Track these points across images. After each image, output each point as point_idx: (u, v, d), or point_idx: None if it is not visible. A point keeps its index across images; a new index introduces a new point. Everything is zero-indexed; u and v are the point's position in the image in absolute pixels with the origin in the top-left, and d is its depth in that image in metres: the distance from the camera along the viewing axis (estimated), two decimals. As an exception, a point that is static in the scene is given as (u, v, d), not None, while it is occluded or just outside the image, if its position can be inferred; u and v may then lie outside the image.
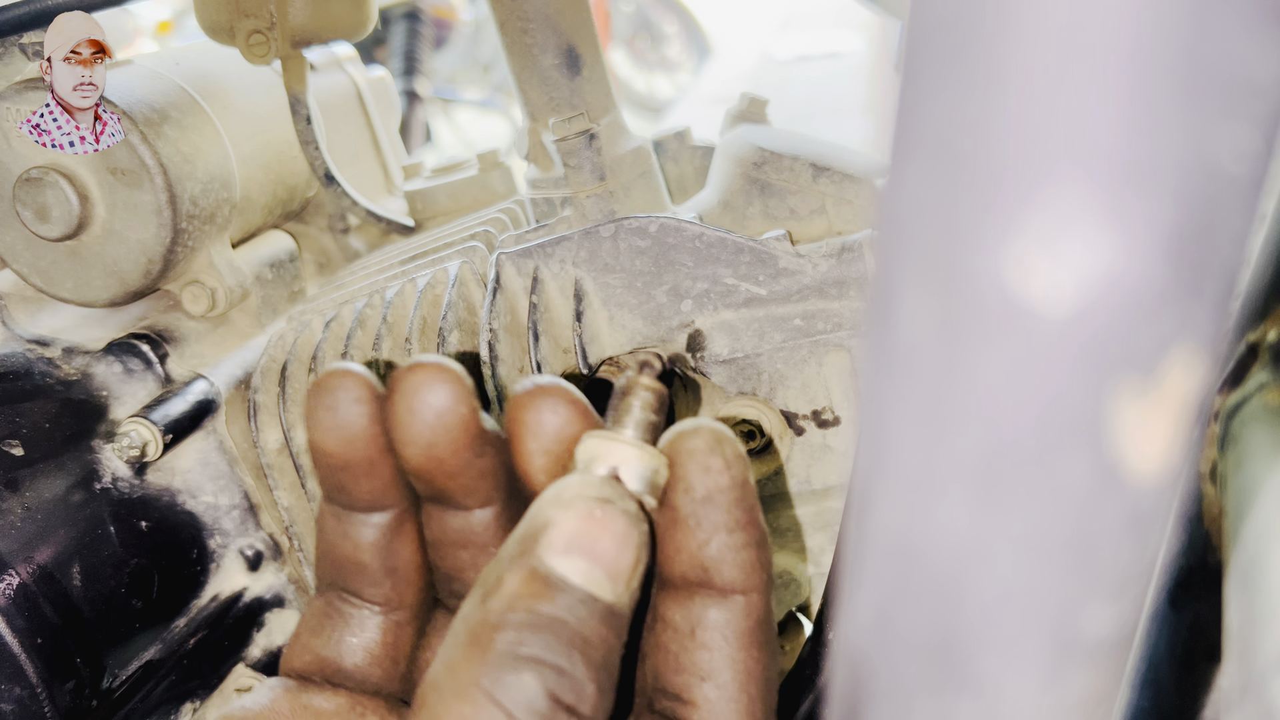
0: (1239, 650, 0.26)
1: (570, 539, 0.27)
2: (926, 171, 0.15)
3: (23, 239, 0.62)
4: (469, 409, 0.31)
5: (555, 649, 0.26)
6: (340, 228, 0.78)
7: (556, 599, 0.27)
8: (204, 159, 0.63)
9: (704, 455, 0.30)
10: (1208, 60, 0.14)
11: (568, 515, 0.28)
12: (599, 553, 0.28)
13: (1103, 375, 0.15)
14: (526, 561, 0.27)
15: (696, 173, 0.77)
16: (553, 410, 0.31)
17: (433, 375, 0.30)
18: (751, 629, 0.31)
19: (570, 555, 0.27)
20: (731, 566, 0.30)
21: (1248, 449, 0.32)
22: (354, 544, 0.33)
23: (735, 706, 0.31)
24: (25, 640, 0.48)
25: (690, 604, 0.31)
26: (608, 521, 0.28)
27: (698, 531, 0.30)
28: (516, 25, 0.67)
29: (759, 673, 0.31)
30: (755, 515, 0.31)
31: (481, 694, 0.26)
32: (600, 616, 0.27)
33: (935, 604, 0.17)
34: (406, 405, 0.30)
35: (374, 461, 0.32)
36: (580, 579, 0.27)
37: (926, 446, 0.17)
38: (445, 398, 0.30)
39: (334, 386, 0.31)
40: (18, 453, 0.54)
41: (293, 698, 0.33)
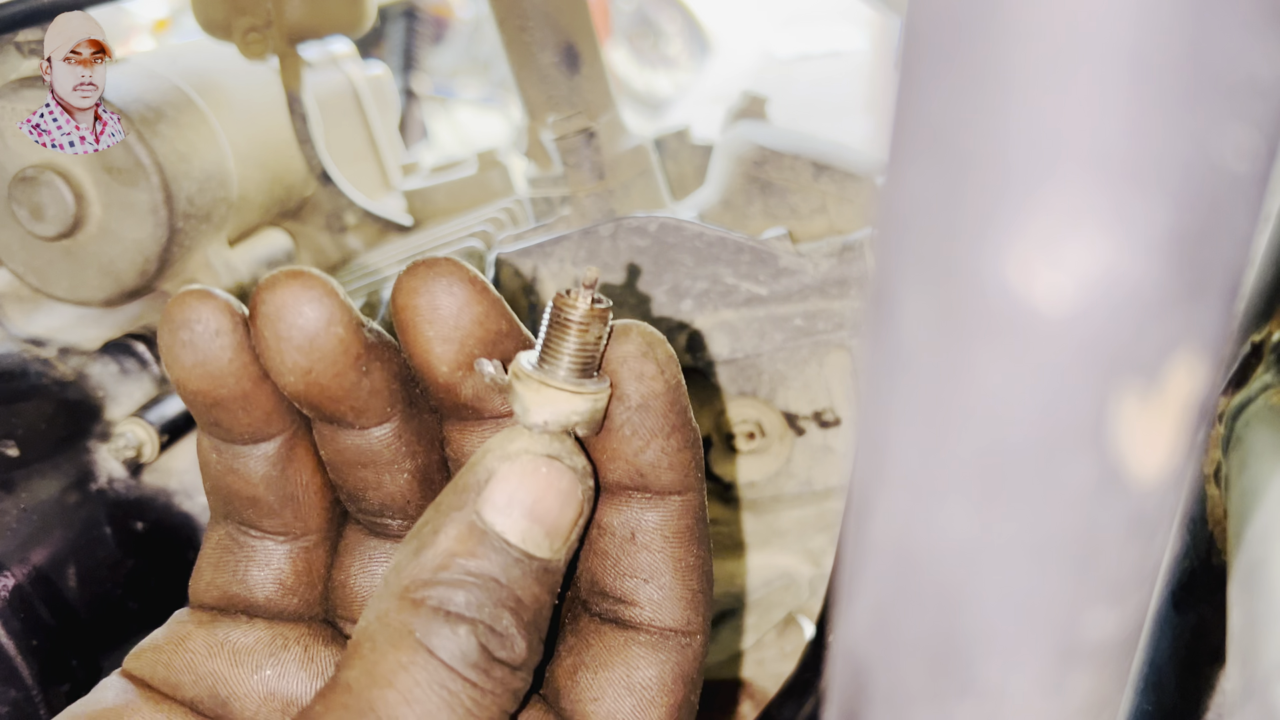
0: (1242, 653, 0.26)
1: (512, 495, 0.27)
2: (926, 171, 0.15)
3: (18, 238, 0.62)
4: (345, 325, 0.28)
5: (486, 608, 0.26)
6: (337, 226, 0.78)
7: (491, 558, 0.26)
8: (200, 157, 0.63)
9: (637, 361, 0.29)
10: (1210, 60, 0.13)
11: (511, 470, 0.27)
12: (540, 511, 0.27)
13: (1105, 377, 0.15)
14: (464, 515, 0.27)
15: (696, 171, 0.76)
16: (448, 291, 0.29)
17: (298, 292, 0.27)
18: (690, 526, 0.31)
19: (509, 512, 0.27)
20: (668, 470, 0.30)
21: (1251, 450, 0.32)
22: (242, 478, 0.31)
23: (679, 602, 0.31)
24: (21, 642, 0.48)
25: (628, 508, 0.31)
26: (553, 479, 0.27)
27: (634, 439, 0.29)
28: (515, 23, 0.67)
29: (698, 566, 0.31)
30: (688, 417, 0.30)
31: (416, 643, 0.26)
32: (535, 575, 0.27)
33: (936, 607, 0.17)
34: (273, 331, 0.27)
35: (248, 394, 0.29)
36: (517, 537, 0.27)
37: (927, 448, 0.16)
38: (316, 317, 0.27)
39: (189, 319, 0.28)
40: (13, 453, 0.53)
41: (207, 633, 0.32)
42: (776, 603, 0.63)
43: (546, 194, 0.70)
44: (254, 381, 0.29)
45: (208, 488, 0.32)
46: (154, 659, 0.31)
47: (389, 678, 0.25)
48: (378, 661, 0.26)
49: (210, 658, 0.31)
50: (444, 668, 0.25)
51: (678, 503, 0.30)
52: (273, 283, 0.28)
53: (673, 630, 0.31)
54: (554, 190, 0.69)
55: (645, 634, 0.31)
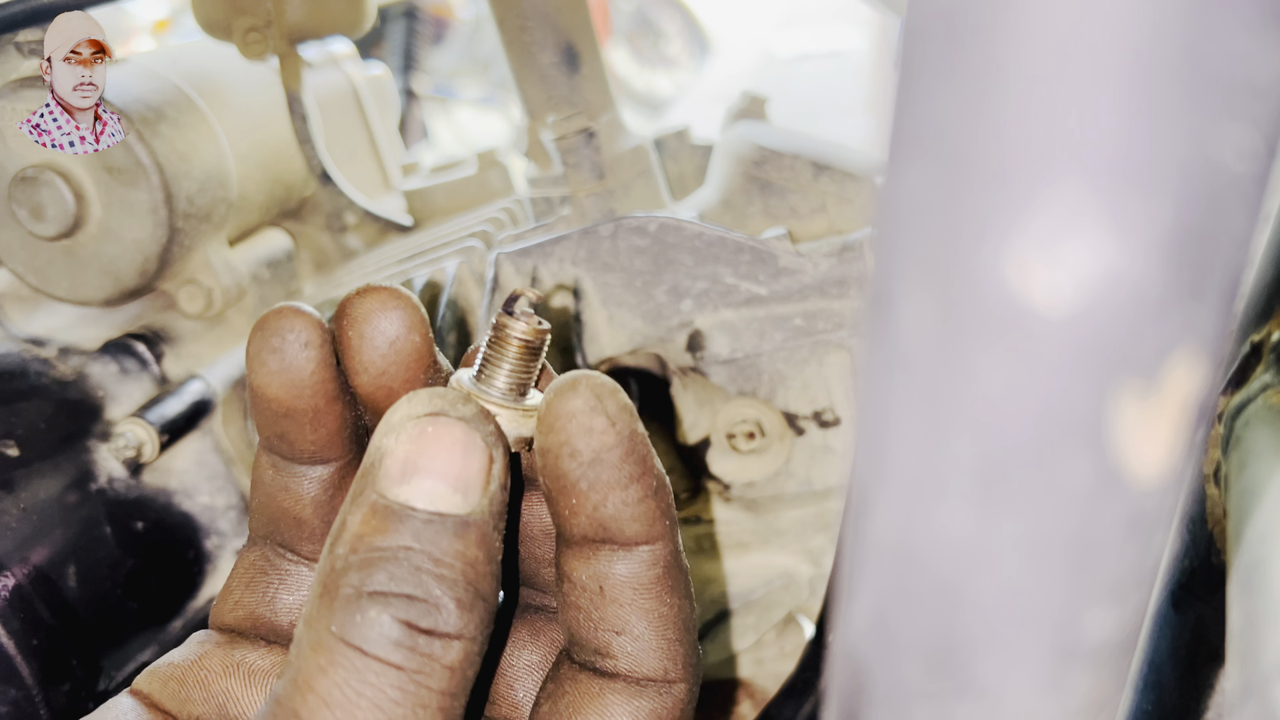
0: (1241, 653, 0.26)
1: (405, 463, 0.26)
2: (925, 171, 0.15)
3: (18, 238, 0.62)
4: (423, 338, 0.30)
5: (400, 578, 0.25)
6: (337, 226, 0.78)
7: (399, 529, 0.25)
8: (200, 157, 0.63)
9: (585, 416, 0.28)
10: (1209, 60, 0.13)
11: (399, 440, 0.26)
12: (439, 469, 0.26)
13: (1104, 377, 0.15)
14: (366, 498, 0.26)
15: (696, 171, 0.76)
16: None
17: (385, 301, 0.30)
18: (660, 577, 0.30)
19: (408, 480, 0.26)
20: (631, 521, 0.29)
21: (1251, 450, 0.32)
22: (294, 497, 0.32)
23: (655, 653, 0.30)
24: (21, 642, 0.48)
25: (595, 560, 0.30)
26: (442, 434, 0.26)
27: (591, 494, 0.29)
28: (515, 23, 0.67)
29: (673, 616, 0.30)
30: (648, 464, 0.29)
31: (334, 639, 0.25)
32: (453, 532, 0.26)
33: (935, 607, 0.17)
34: (358, 331, 0.29)
35: (320, 410, 0.30)
36: (424, 502, 0.26)
37: (926, 448, 0.16)
38: (398, 325, 0.30)
39: (281, 327, 0.29)
40: (13, 453, 0.53)
41: (224, 653, 0.32)
42: (776, 602, 0.63)
43: (546, 194, 0.70)
44: (328, 399, 0.30)
45: (254, 505, 0.33)
46: (167, 675, 0.31)
47: (310, 683, 0.25)
48: (301, 667, 0.25)
49: (225, 677, 0.31)
50: (362, 657, 0.25)
51: (645, 553, 0.30)
52: (364, 292, 0.30)
53: (650, 680, 0.30)
54: (554, 190, 0.69)
55: (622, 683, 0.30)
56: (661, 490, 0.30)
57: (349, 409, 0.31)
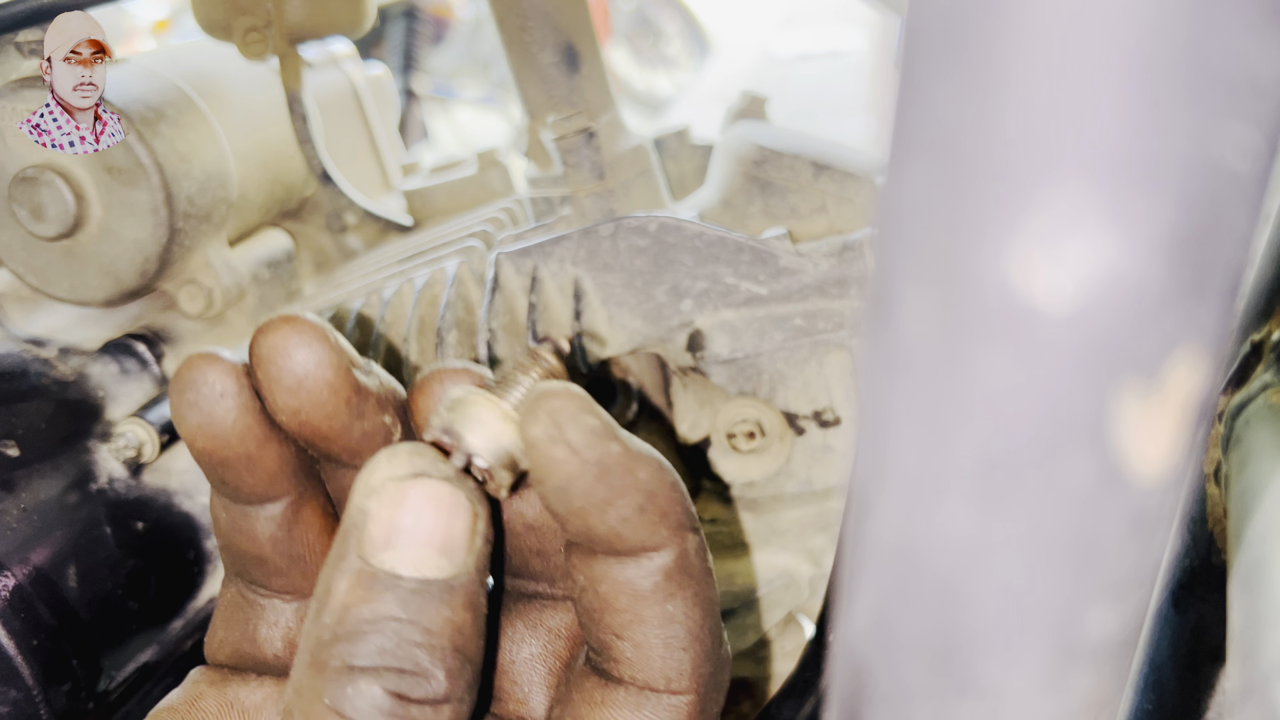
0: (1242, 652, 0.26)
1: (389, 528, 0.26)
2: (926, 170, 0.15)
3: (18, 238, 0.62)
4: (334, 368, 0.28)
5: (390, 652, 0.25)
6: (337, 226, 0.78)
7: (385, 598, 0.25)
8: (200, 158, 0.63)
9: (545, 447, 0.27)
10: (1210, 59, 0.13)
11: (381, 503, 0.26)
12: (423, 532, 0.26)
13: (1105, 376, 0.15)
14: (349, 564, 0.26)
15: (696, 171, 0.76)
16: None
17: (289, 335, 0.28)
18: (660, 584, 0.28)
19: (393, 545, 0.26)
20: (618, 538, 0.28)
21: (1251, 449, 0.32)
22: (249, 538, 0.31)
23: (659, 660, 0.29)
24: (21, 642, 0.48)
25: (593, 564, 0.29)
26: (425, 496, 0.26)
27: (571, 518, 0.28)
28: (515, 22, 0.67)
29: (681, 622, 0.29)
30: (629, 481, 0.27)
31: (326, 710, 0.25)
32: (440, 598, 0.26)
33: (936, 606, 0.17)
34: (265, 374, 0.28)
35: (251, 455, 0.29)
36: (409, 568, 0.25)
37: (927, 447, 0.16)
38: (305, 361, 0.28)
39: (195, 380, 0.28)
40: (13, 453, 0.53)
41: (218, 693, 0.32)
42: (776, 602, 0.63)
43: (546, 194, 0.70)
44: (258, 443, 0.29)
45: (219, 544, 0.32)
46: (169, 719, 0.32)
47: None
48: None
49: (220, 717, 0.31)
50: None
51: (644, 560, 0.28)
52: (267, 328, 0.28)
53: (653, 689, 0.29)
54: (554, 190, 0.69)
55: (626, 690, 0.29)
56: (652, 501, 0.28)
57: (286, 445, 0.30)
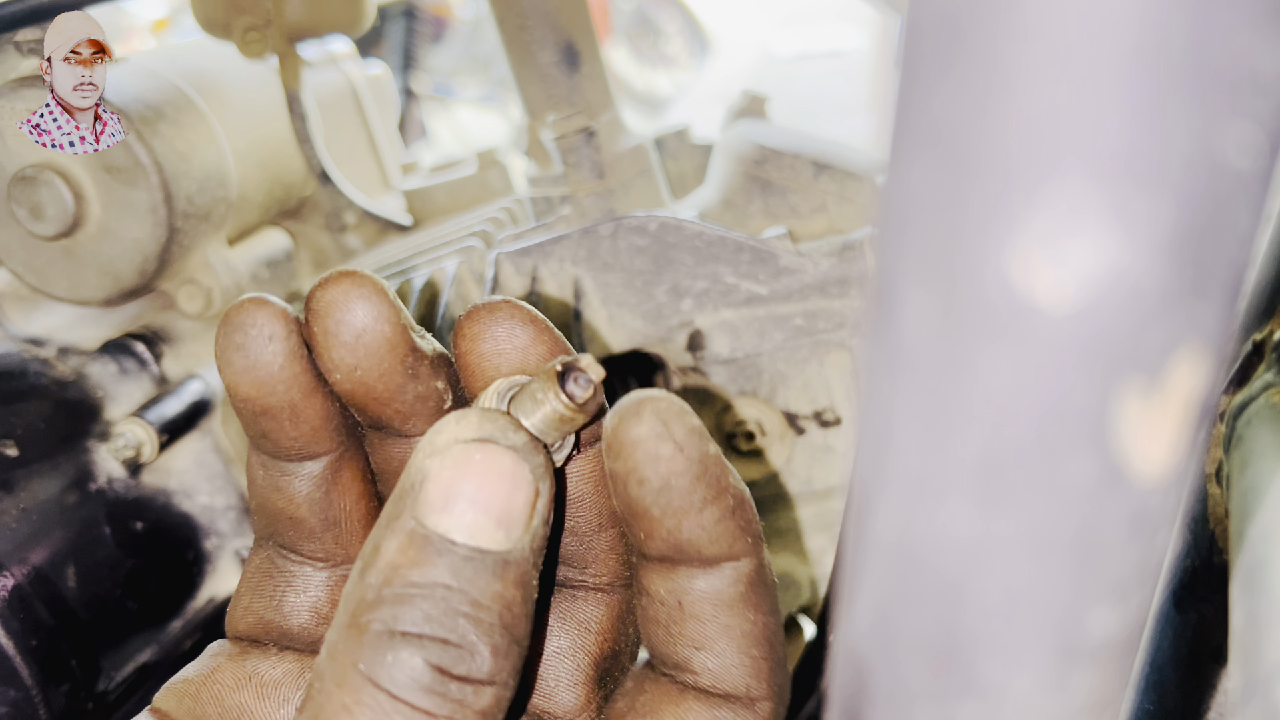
0: (1244, 652, 0.26)
1: (448, 491, 0.25)
2: (928, 168, 0.15)
3: (17, 237, 0.61)
4: (393, 324, 0.28)
5: (436, 620, 0.24)
6: (337, 226, 0.78)
7: (436, 563, 0.24)
8: (200, 157, 0.63)
9: (652, 443, 0.27)
10: (1213, 57, 0.13)
11: (443, 464, 0.25)
12: (483, 500, 0.25)
13: (1107, 375, 0.15)
14: (403, 524, 0.25)
15: (696, 170, 0.76)
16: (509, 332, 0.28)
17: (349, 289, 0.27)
18: (743, 594, 0.29)
19: (450, 509, 0.25)
20: (709, 543, 0.28)
21: (1253, 449, 0.32)
22: (286, 497, 0.30)
23: (738, 669, 0.29)
24: (20, 642, 0.48)
25: (674, 576, 0.29)
26: (489, 463, 0.25)
27: (665, 520, 0.28)
28: (515, 22, 0.67)
29: (758, 634, 0.29)
30: (723, 484, 0.28)
31: (360, 678, 0.24)
32: (492, 570, 0.25)
33: (938, 606, 0.17)
34: (322, 327, 0.28)
35: (296, 406, 0.28)
36: (464, 535, 0.24)
37: (928, 446, 0.16)
38: (365, 316, 0.27)
39: (244, 322, 0.28)
40: (12, 453, 0.53)
41: (236, 666, 0.31)
42: (777, 602, 0.63)
43: (546, 193, 0.70)
44: (304, 393, 0.28)
45: (253, 506, 0.31)
46: (183, 692, 0.31)
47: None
48: (324, 704, 0.24)
49: (238, 690, 0.31)
50: (390, 700, 0.23)
51: (729, 569, 0.28)
52: (326, 281, 0.28)
53: (733, 696, 0.29)
54: (554, 189, 0.69)
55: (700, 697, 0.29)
56: (740, 508, 0.28)
57: (332, 401, 0.29)
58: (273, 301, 0.28)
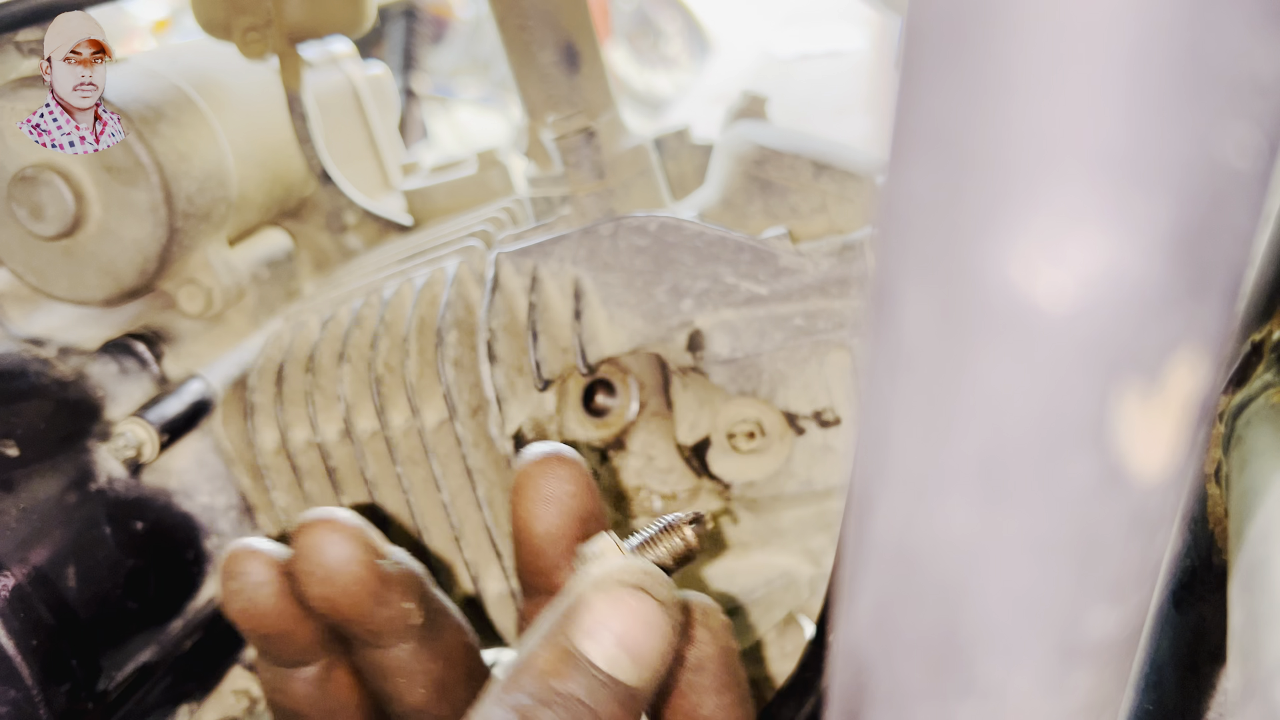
0: (1243, 652, 0.26)
1: (600, 622, 0.29)
2: (927, 169, 0.15)
3: (17, 237, 0.61)
4: (363, 564, 0.33)
5: None
6: (337, 226, 0.78)
7: (577, 678, 0.29)
8: (200, 157, 0.63)
9: (691, 629, 0.33)
10: (1212, 58, 0.13)
11: (602, 599, 0.30)
12: (626, 638, 0.29)
13: (1107, 375, 0.15)
14: (557, 640, 0.29)
15: (696, 171, 0.76)
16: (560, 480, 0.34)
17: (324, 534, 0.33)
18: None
19: (597, 638, 0.29)
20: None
21: (1252, 449, 0.32)
22: (288, 696, 0.36)
23: None
24: (20, 642, 0.48)
25: None
26: (639, 608, 0.30)
27: (690, 694, 0.33)
28: (515, 22, 0.67)
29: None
30: (739, 676, 0.34)
31: None
32: (619, 699, 0.29)
33: (937, 606, 0.17)
34: (301, 568, 0.33)
35: (289, 630, 0.35)
36: (604, 662, 0.29)
37: (928, 447, 0.16)
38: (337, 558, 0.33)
39: (239, 571, 0.34)
40: (12, 453, 0.53)
41: None
42: (776, 602, 0.63)
43: (546, 193, 0.70)
44: (295, 621, 0.34)
45: (264, 698, 0.38)
46: None
47: None
48: None
49: None
50: None
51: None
52: (307, 526, 0.33)
53: None
54: (554, 190, 0.69)
55: None
56: (747, 700, 0.34)
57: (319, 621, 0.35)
58: (263, 551, 0.34)
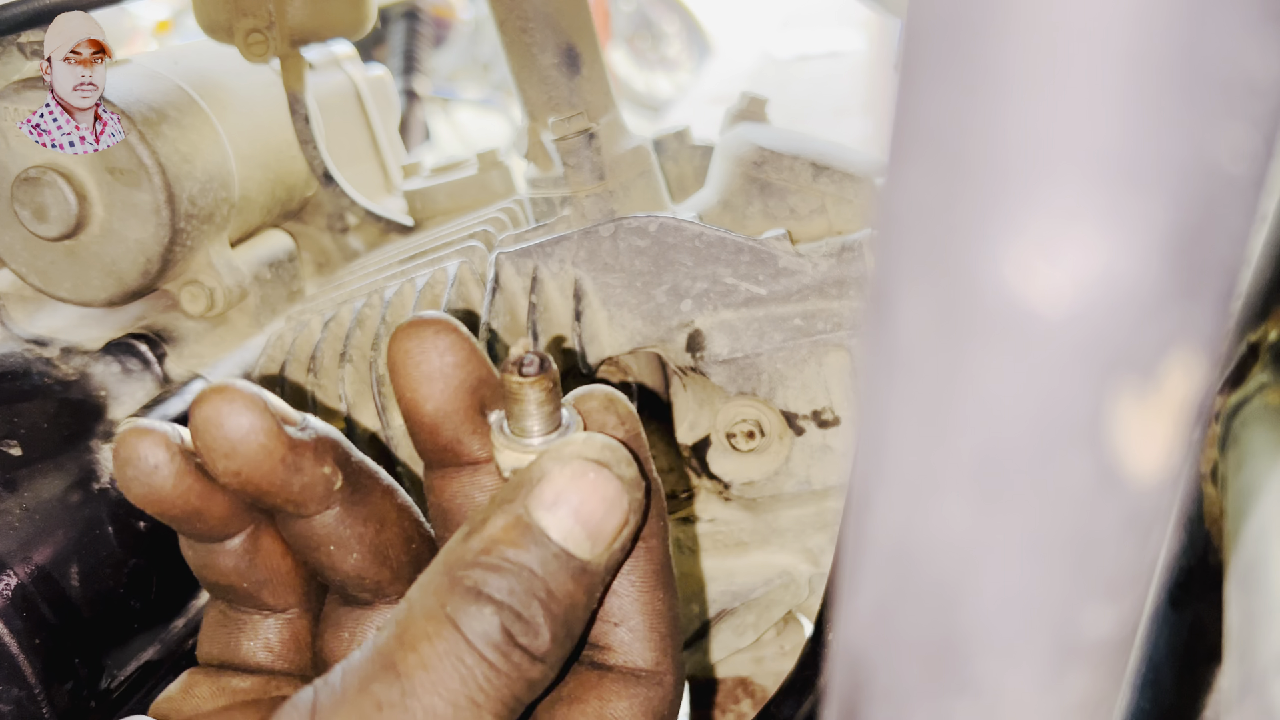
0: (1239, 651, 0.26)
1: (559, 494, 0.29)
2: (924, 171, 0.15)
3: (20, 238, 0.62)
4: (267, 432, 0.31)
5: (517, 594, 0.28)
6: (339, 227, 0.78)
7: (530, 549, 0.28)
8: (202, 158, 0.63)
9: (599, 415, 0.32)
10: (1207, 60, 0.14)
11: (562, 471, 0.29)
12: (584, 513, 0.29)
13: (1102, 376, 0.15)
14: (512, 509, 0.29)
15: (696, 172, 0.76)
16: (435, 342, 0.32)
17: (220, 406, 0.31)
18: (655, 572, 0.33)
19: (554, 510, 0.28)
20: None
21: (1248, 450, 0.32)
22: (216, 571, 0.34)
23: (648, 645, 0.33)
24: (23, 640, 0.48)
25: None
26: (599, 484, 0.29)
27: None
28: (515, 24, 0.67)
29: (665, 612, 0.33)
30: (648, 466, 0.32)
31: (445, 617, 0.28)
32: (571, 573, 0.28)
33: (934, 605, 0.17)
34: (202, 443, 0.31)
35: (197, 509, 0.32)
36: (559, 535, 0.28)
37: (925, 447, 0.16)
38: (238, 428, 0.31)
39: (131, 457, 0.31)
40: (16, 453, 0.53)
41: (211, 681, 0.35)
42: (775, 601, 0.63)
43: (547, 194, 0.70)
44: (201, 498, 0.32)
45: (194, 574, 0.35)
46: (167, 708, 0.35)
47: (414, 643, 0.28)
48: (408, 627, 0.28)
49: (213, 699, 0.35)
50: (464, 643, 0.27)
51: (642, 549, 0.33)
52: (201, 399, 0.31)
53: (644, 671, 0.33)
54: (554, 191, 0.69)
55: (617, 673, 0.33)
56: (657, 493, 0.33)
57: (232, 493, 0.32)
58: (154, 429, 0.31)
